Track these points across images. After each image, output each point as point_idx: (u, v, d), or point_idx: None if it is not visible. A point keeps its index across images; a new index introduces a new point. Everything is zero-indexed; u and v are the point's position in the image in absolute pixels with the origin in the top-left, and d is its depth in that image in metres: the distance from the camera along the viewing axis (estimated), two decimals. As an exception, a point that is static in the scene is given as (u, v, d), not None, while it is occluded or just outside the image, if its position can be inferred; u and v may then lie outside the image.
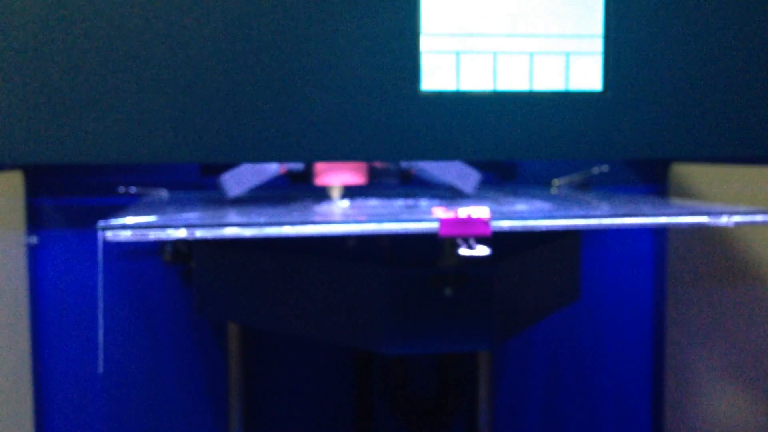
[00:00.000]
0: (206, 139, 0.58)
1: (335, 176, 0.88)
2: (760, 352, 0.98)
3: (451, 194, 0.94)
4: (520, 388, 1.20)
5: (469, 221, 0.67)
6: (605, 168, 1.11)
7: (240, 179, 0.85)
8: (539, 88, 0.63)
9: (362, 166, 0.89)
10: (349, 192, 0.92)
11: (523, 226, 0.67)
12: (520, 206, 0.79)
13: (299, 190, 1.02)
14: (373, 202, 0.85)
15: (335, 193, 0.88)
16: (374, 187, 1.03)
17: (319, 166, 0.88)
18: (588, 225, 0.69)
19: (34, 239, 1.04)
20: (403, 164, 0.93)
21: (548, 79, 0.63)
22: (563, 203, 0.84)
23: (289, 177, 0.91)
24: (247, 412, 1.11)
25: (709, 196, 1.05)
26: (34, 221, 1.05)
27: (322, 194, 0.90)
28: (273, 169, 0.87)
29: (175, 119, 0.58)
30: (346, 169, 0.88)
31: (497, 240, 0.69)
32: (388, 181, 0.98)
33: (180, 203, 0.86)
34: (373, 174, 0.93)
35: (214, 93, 0.58)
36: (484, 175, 1.16)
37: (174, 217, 0.68)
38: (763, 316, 0.97)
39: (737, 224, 0.70)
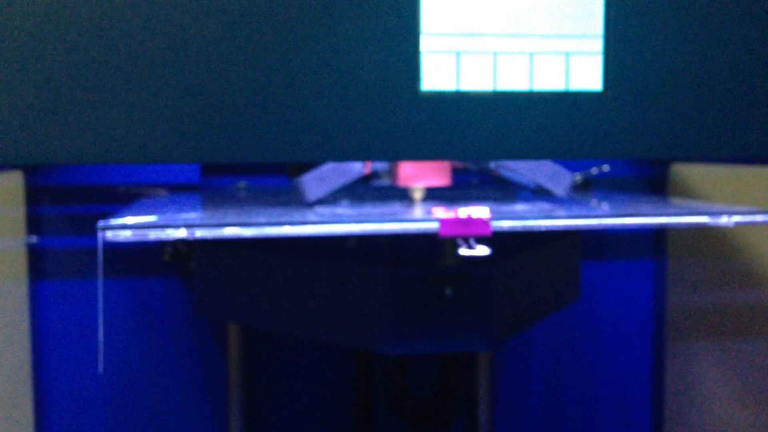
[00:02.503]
0: (206, 139, 0.58)
1: (419, 178, 0.83)
2: (759, 352, 0.98)
3: (540, 196, 0.87)
4: (520, 388, 1.20)
5: (469, 221, 0.67)
6: (605, 168, 1.11)
7: (322, 181, 0.80)
8: (539, 88, 0.63)
9: (446, 166, 0.84)
10: (432, 193, 0.88)
11: (523, 226, 0.67)
12: (520, 206, 0.79)
13: (380, 191, 0.97)
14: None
15: (417, 195, 0.85)
16: (458, 188, 0.97)
17: (403, 168, 0.83)
18: (588, 225, 0.69)
19: (33, 239, 1.04)
20: (492, 164, 0.86)
21: (548, 79, 0.63)
22: (563, 203, 0.84)
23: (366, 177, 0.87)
24: (247, 412, 1.11)
25: (709, 196, 1.05)
26: (34, 222, 1.05)
27: (404, 196, 0.87)
28: (357, 169, 0.81)
29: (175, 119, 0.58)
30: (430, 171, 0.83)
31: (497, 240, 0.69)
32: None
33: (180, 203, 0.86)
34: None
35: (214, 93, 0.58)
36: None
37: (174, 217, 0.68)
38: (762, 316, 0.97)
39: (737, 224, 0.70)
